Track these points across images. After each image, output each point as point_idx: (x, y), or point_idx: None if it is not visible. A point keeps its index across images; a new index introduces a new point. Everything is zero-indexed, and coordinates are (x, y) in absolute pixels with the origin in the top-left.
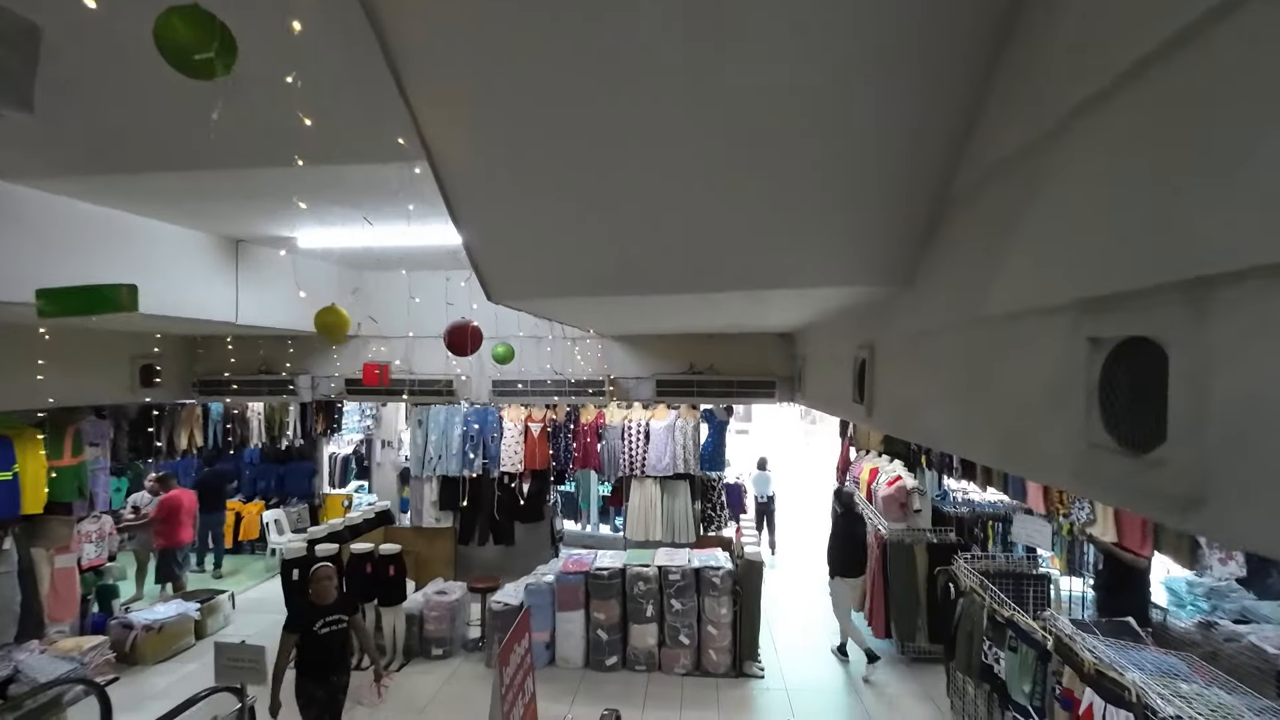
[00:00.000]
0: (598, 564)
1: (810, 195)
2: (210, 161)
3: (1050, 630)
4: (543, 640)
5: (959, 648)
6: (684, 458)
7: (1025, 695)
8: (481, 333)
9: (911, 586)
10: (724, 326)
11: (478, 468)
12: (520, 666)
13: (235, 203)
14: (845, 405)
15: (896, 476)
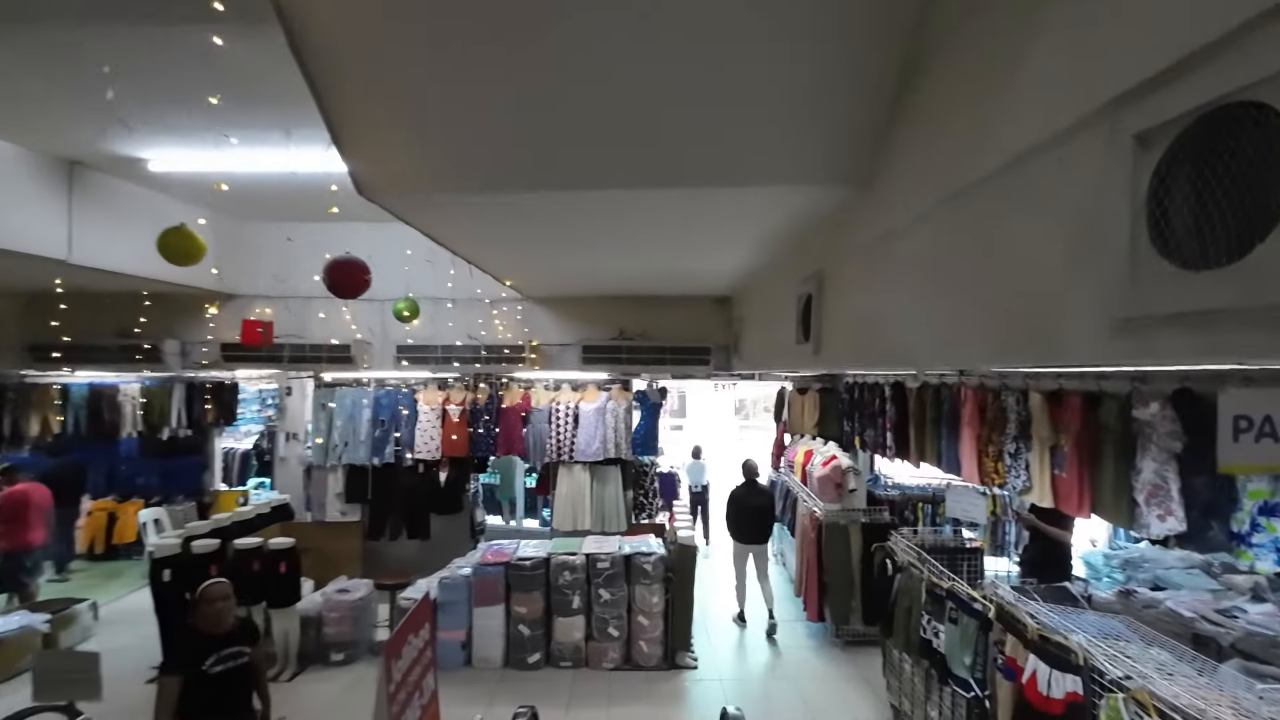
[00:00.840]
0: (520, 554)
1: (764, 60)
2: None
3: (992, 599)
4: (457, 639)
5: (896, 624)
6: (615, 442)
7: (966, 667)
8: (368, 271)
9: (846, 568)
10: (655, 283)
11: (389, 455)
12: (418, 662)
13: (46, 85)
14: (788, 355)
15: (832, 456)
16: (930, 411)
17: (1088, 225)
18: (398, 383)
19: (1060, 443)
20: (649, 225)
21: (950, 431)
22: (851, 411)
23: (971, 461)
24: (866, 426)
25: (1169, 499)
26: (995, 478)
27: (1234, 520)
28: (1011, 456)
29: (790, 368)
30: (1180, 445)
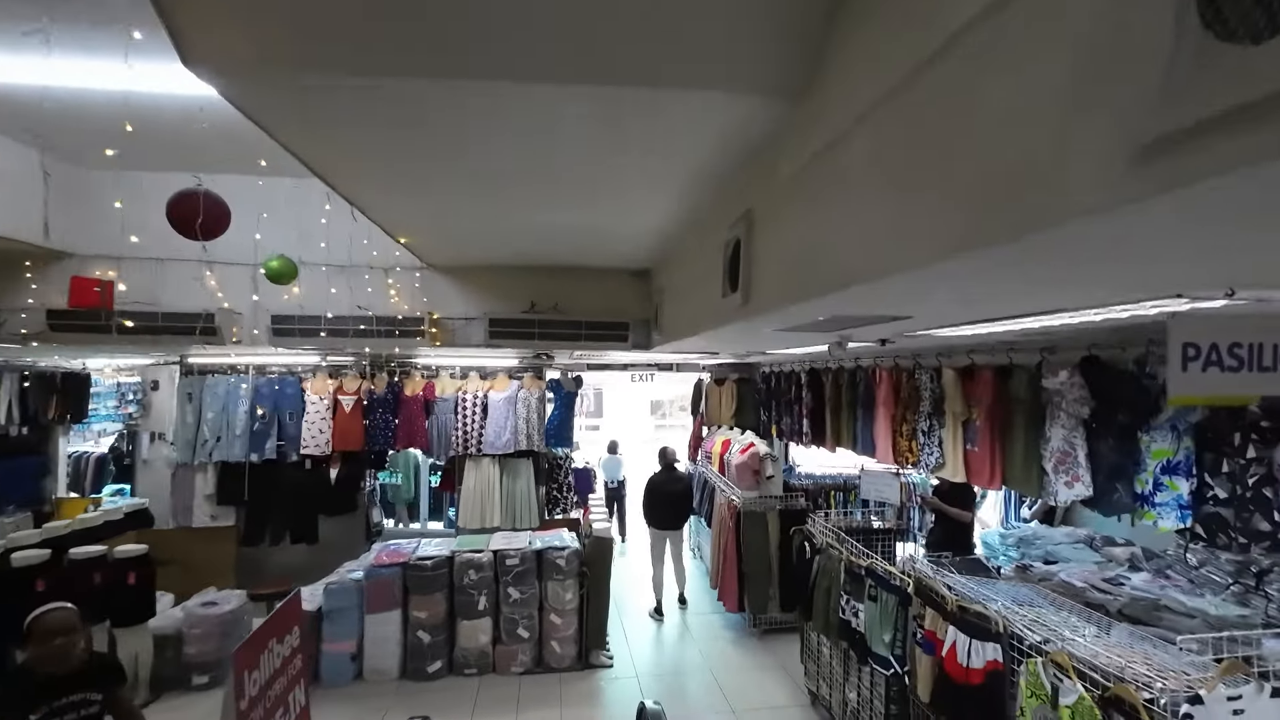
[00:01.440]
0: (420, 553)
1: None
2: None
3: (910, 574)
4: (347, 651)
5: (815, 607)
6: (527, 433)
7: (886, 645)
8: (227, 210)
9: (764, 555)
10: (569, 250)
11: (271, 451)
12: (282, 673)
13: None
14: (713, 314)
15: (750, 444)
16: (846, 395)
17: (1107, 35)
18: (283, 369)
19: (972, 417)
20: (562, 153)
21: (865, 414)
22: (768, 400)
23: (886, 442)
24: (783, 415)
25: (1076, 465)
26: (909, 456)
27: (1137, 482)
28: (925, 434)
29: (717, 326)
30: (1088, 411)
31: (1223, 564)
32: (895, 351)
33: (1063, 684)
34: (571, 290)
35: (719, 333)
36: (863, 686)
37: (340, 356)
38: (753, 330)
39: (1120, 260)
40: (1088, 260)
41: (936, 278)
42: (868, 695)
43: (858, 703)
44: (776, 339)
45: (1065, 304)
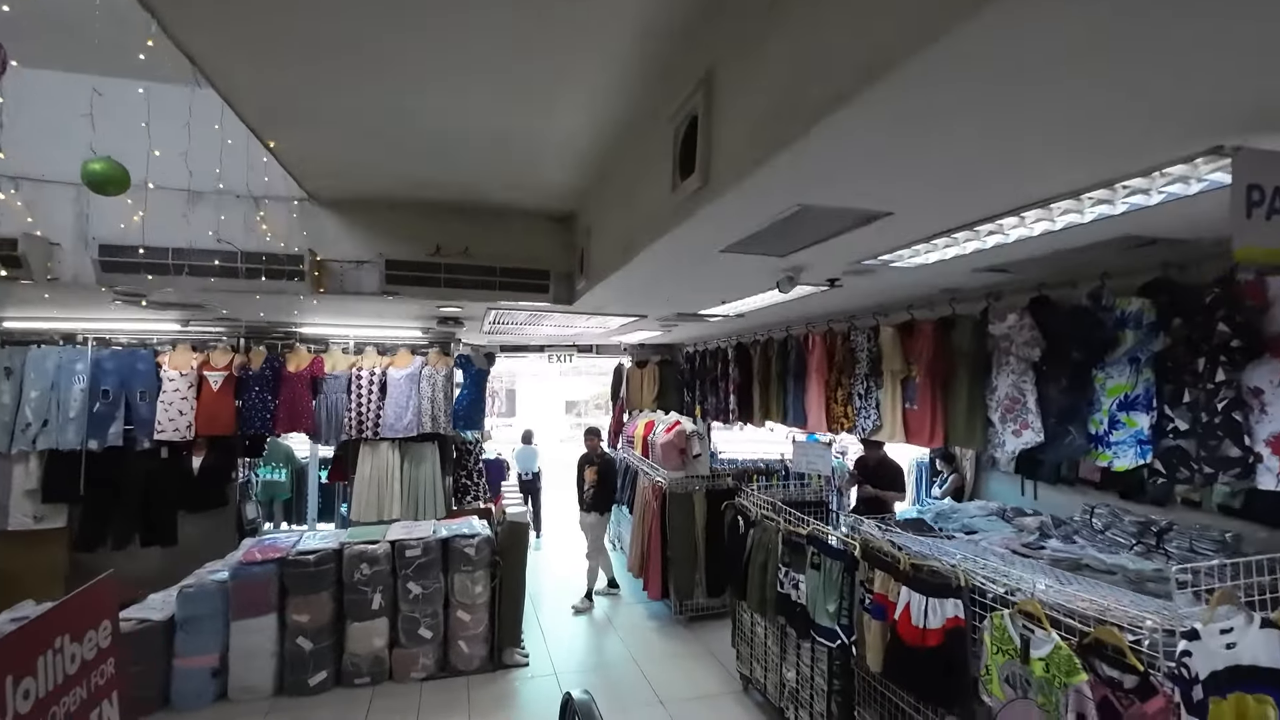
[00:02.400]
0: (301, 547)
1: None
2: None
3: (855, 537)
4: (206, 666)
5: (750, 583)
6: (432, 414)
7: (831, 615)
8: None
9: (689, 538)
10: (482, 179)
11: (115, 437)
12: (79, 684)
13: None
14: (658, 220)
15: (675, 422)
16: (776, 365)
17: None
18: (134, 340)
19: (911, 374)
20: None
21: (797, 383)
22: (692, 381)
23: (820, 410)
24: (708, 394)
25: (1025, 411)
26: (845, 422)
27: (1091, 423)
28: (861, 398)
29: (661, 235)
30: (1039, 352)
31: (1126, 525)
32: (830, 313)
33: (1034, 635)
34: (484, 237)
35: (655, 270)
36: (802, 664)
37: (205, 323)
38: (700, 246)
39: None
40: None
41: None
42: (808, 673)
43: (796, 682)
44: (720, 274)
45: (1089, 178)
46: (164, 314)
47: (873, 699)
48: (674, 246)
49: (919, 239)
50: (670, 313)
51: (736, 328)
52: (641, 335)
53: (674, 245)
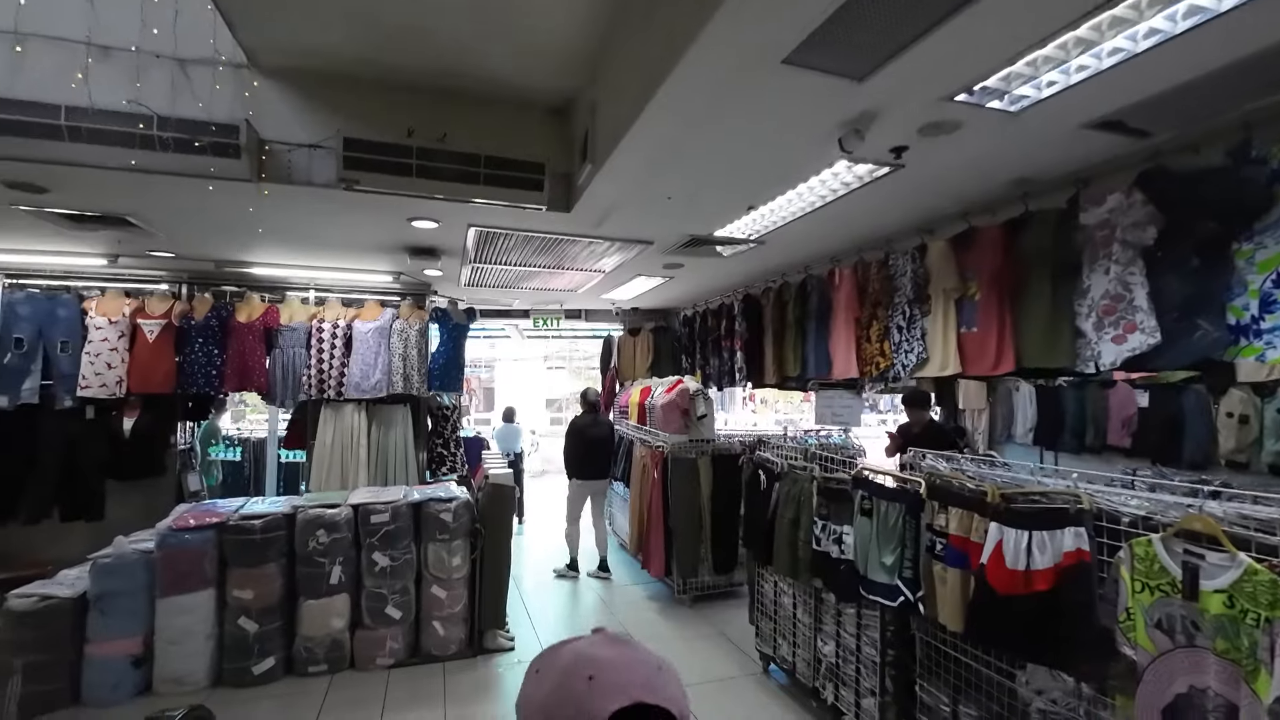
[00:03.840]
0: (245, 511)
1: None
2: None
3: (919, 474)
4: (125, 654)
5: (778, 545)
6: (404, 373)
7: (889, 568)
8: None
9: (694, 508)
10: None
11: (29, 393)
12: None
13: None
14: (701, 6)
15: (677, 381)
16: (793, 311)
17: None
18: (55, 287)
19: (969, 292)
20: None
21: (819, 327)
22: (691, 345)
23: (848, 352)
24: (709, 357)
25: (1133, 309)
26: (882, 361)
27: (1231, 310)
28: (903, 330)
29: (703, 21)
30: (1154, 233)
31: (1177, 486)
32: (862, 241)
33: (1205, 563)
34: (466, 125)
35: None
36: (844, 634)
37: (138, 265)
38: (754, 52)
39: None
40: None
41: None
42: (852, 644)
43: (836, 656)
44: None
45: None
46: (81, 234)
47: (941, 668)
48: (718, 56)
49: (1028, 44)
50: (682, 235)
51: (745, 273)
52: (639, 287)
53: (718, 52)
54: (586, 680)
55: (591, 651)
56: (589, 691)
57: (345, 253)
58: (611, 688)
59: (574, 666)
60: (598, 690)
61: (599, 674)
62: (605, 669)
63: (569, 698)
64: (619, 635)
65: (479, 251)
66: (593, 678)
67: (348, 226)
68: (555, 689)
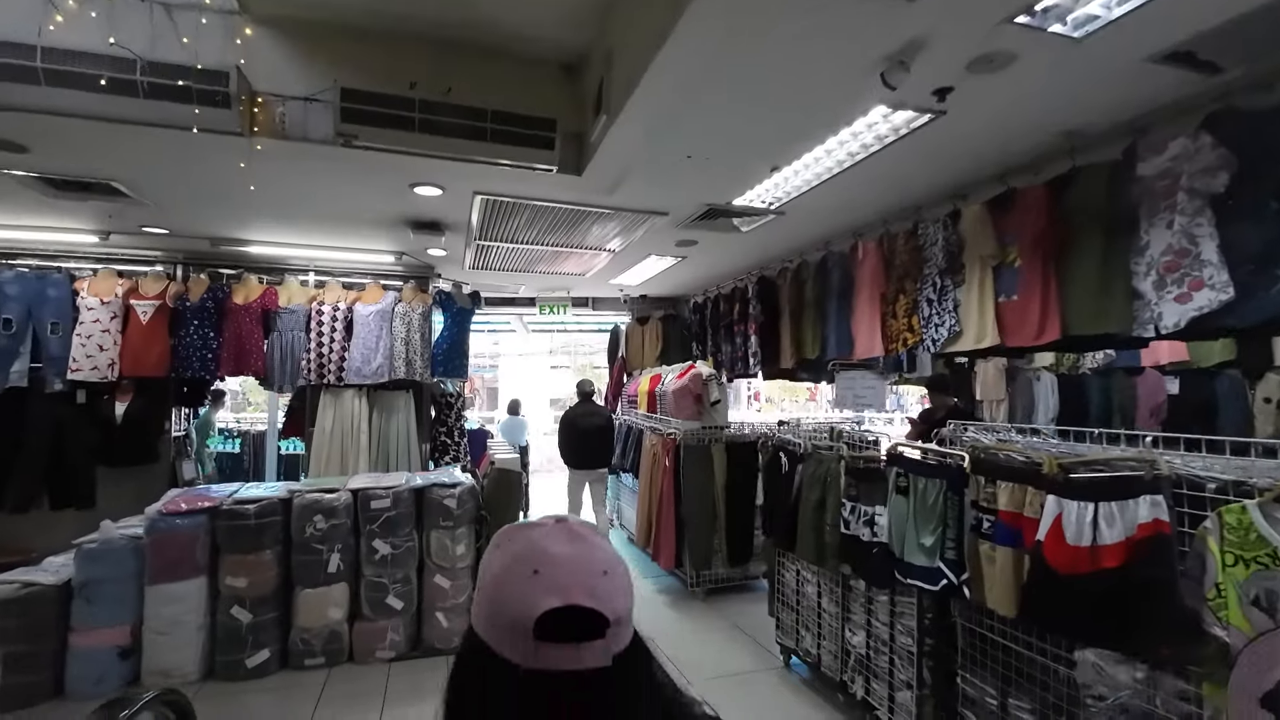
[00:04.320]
0: (239, 495)
1: None
2: None
3: (960, 448)
4: (112, 644)
5: (802, 530)
6: (406, 357)
7: (929, 550)
8: None
9: (708, 497)
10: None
11: (19, 376)
12: None
13: None
14: None
15: (689, 366)
16: (812, 289)
17: None
18: (46, 263)
19: (1008, 258)
20: None
21: (840, 304)
22: (702, 332)
23: (872, 328)
24: (721, 344)
25: (1199, 264)
26: (910, 336)
27: None
28: (933, 302)
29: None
30: (1226, 179)
31: None
32: (888, 211)
33: None
34: (472, 80)
35: (712, 46)
36: (875, 624)
37: (131, 244)
38: None
39: None
40: None
41: None
42: (884, 634)
43: (867, 647)
44: (802, 72)
45: None
46: (69, 203)
47: (988, 657)
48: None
49: None
50: (699, 205)
51: (760, 253)
52: (650, 269)
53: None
54: (532, 574)
55: (544, 544)
56: (531, 585)
57: (345, 228)
58: (553, 586)
59: (525, 555)
60: (539, 586)
61: (544, 570)
62: (551, 566)
63: (514, 585)
64: (579, 530)
65: (485, 226)
66: (538, 572)
67: (347, 195)
68: (504, 571)
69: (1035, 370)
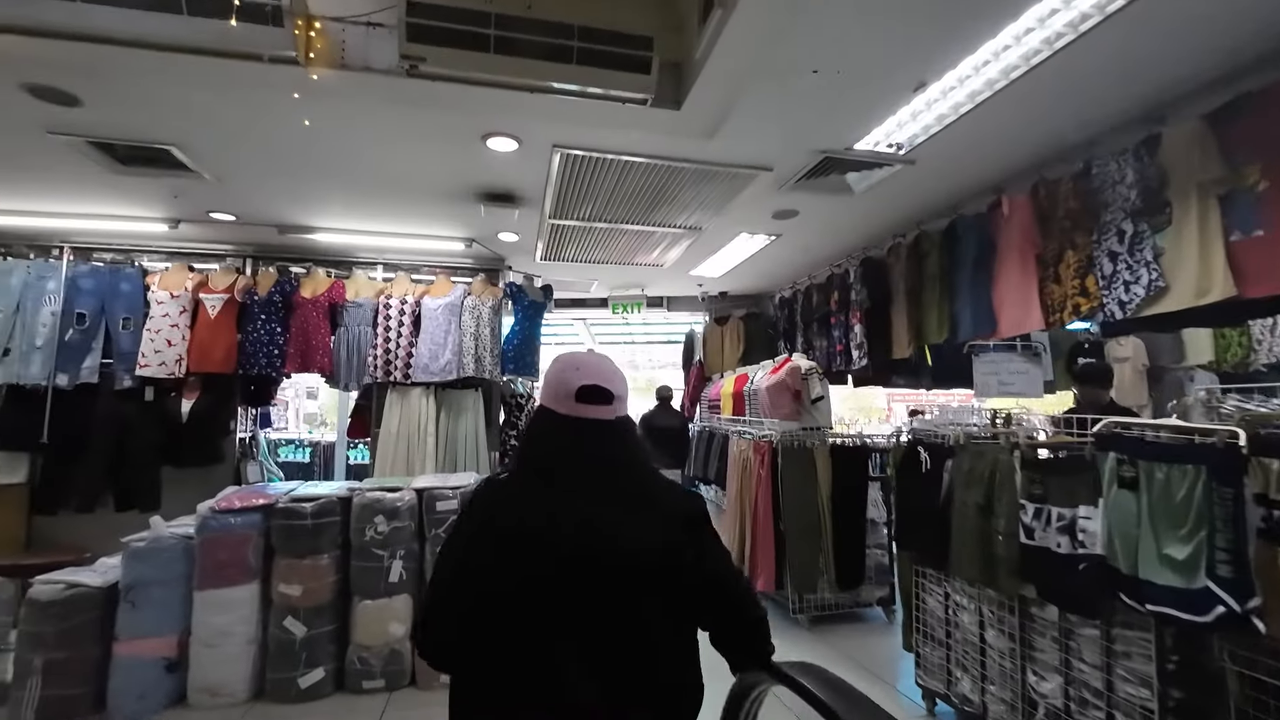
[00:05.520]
0: (296, 493)
1: None
2: None
3: (1223, 421)
4: (158, 656)
5: (958, 541)
6: (476, 354)
7: (1184, 563)
8: None
9: (812, 509)
10: None
11: (88, 372)
12: None
13: None
14: None
15: (785, 359)
16: (937, 263)
17: None
18: (119, 260)
19: (1248, 182)
20: None
21: (976, 275)
22: (790, 328)
23: (1026, 299)
24: (814, 340)
25: None
26: (1083, 302)
27: None
28: (1118, 256)
29: None
30: None
31: None
32: (1045, 149)
33: None
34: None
35: None
36: (1081, 665)
37: (200, 236)
38: None
39: None
40: None
41: None
42: (1097, 682)
43: (1066, 697)
44: None
45: None
46: (130, 178)
47: None
48: None
49: None
50: (812, 153)
51: (866, 228)
52: (736, 254)
53: None
54: (575, 369)
55: (583, 358)
56: (574, 375)
57: (412, 204)
58: (585, 375)
59: (571, 362)
60: (578, 375)
61: (581, 368)
62: (585, 366)
63: (564, 376)
64: (598, 354)
65: (562, 195)
66: (578, 369)
67: (414, 152)
68: (561, 369)
69: (1187, 369)
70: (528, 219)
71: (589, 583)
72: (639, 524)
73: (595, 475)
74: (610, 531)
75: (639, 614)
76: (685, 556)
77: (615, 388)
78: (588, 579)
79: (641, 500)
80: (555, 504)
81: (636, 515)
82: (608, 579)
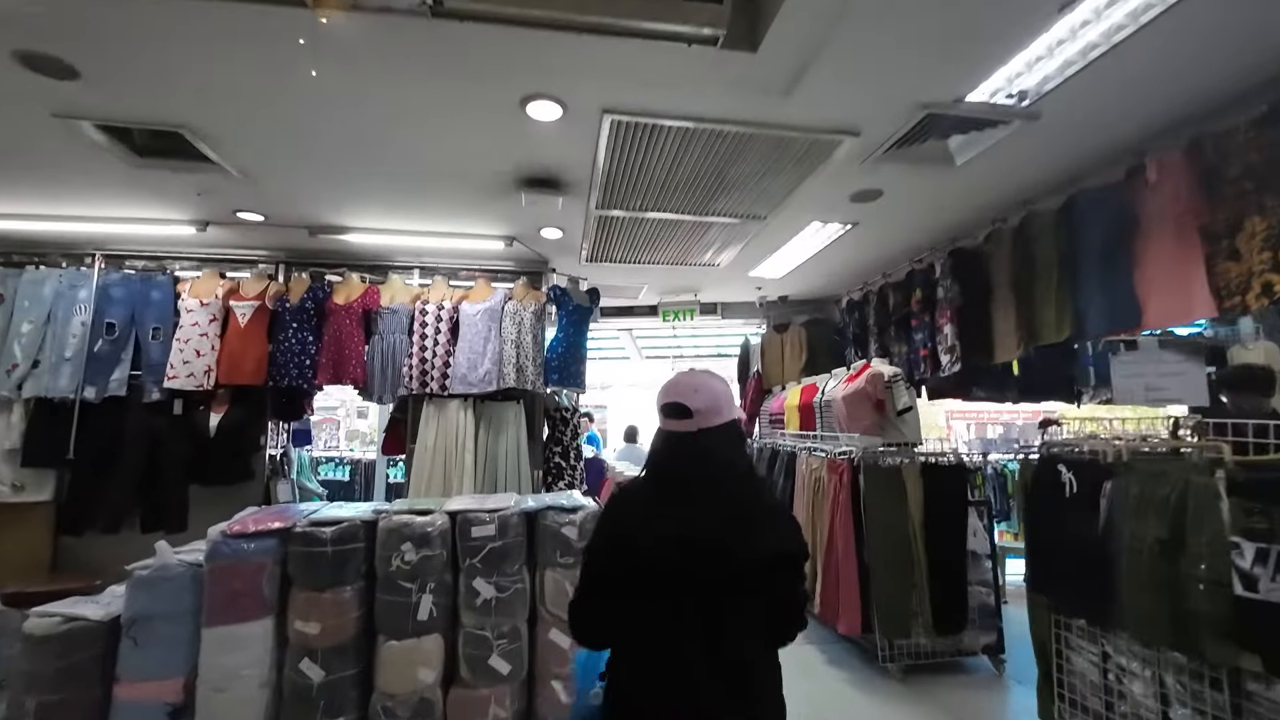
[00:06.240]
0: (316, 516)
1: None
2: None
3: None
4: (162, 701)
5: (1131, 590)
6: (517, 363)
7: None
8: None
9: (902, 538)
10: None
11: (117, 385)
12: None
13: None
14: None
15: (863, 366)
16: (1051, 247)
17: None
18: (151, 268)
19: None
20: None
21: (1110, 257)
22: (862, 334)
23: (1188, 280)
24: (890, 345)
25: None
26: (1276, 280)
27: None
28: None
29: None
30: None
31: None
32: (1206, 100)
33: None
34: None
35: None
36: None
37: (230, 241)
38: None
39: None
40: None
41: None
42: None
43: None
44: None
45: None
46: (148, 171)
47: None
48: None
49: None
50: (913, 107)
51: (951, 218)
52: (802, 250)
53: None
54: (666, 386)
55: (677, 375)
56: (662, 393)
57: (447, 191)
58: (668, 393)
59: (669, 379)
60: (663, 394)
61: (669, 385)
62: (672, 383)
63: (659, 394)
64: (692, 370)
65: (612, 176)
66: (668, 386)
67: (445, 122)
68: (660, 387)
69: None
70: (573, 212)
71: (669, 586)
72: (735, 537)
73: (683, 486)
74: (689, 539)
75: (719, 626)
76: (759, 582)
77: (694, 402)
78: (668, 583)
79: (735, 517)
80: (652, 510)
81: (727, 528)
82: (685, 585)
